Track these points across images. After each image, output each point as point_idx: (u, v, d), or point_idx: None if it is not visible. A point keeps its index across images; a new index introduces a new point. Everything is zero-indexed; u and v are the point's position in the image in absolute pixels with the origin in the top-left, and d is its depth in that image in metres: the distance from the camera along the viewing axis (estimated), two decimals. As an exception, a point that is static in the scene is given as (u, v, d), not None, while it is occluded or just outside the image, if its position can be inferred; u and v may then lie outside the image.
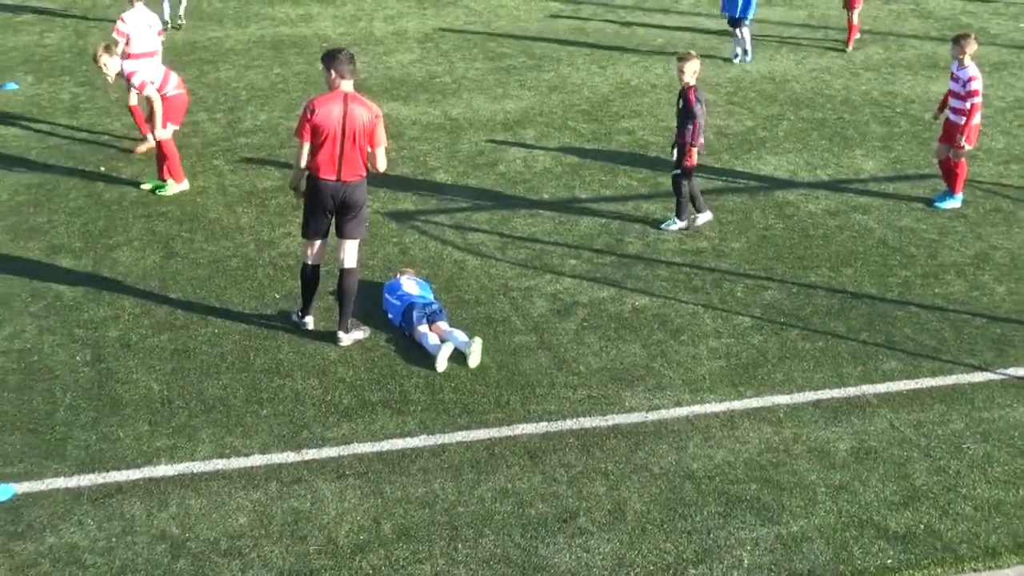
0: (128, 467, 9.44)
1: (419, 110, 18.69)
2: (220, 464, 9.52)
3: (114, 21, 17.11)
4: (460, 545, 8.61)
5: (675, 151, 14.04)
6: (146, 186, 15.12)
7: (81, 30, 23.26)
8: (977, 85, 14.57)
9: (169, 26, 23.03)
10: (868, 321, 12.04)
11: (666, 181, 15.47)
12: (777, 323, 11.97)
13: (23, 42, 22.31)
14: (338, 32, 23.59)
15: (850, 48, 22.79)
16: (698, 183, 14.33)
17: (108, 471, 9.39)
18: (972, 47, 14.71)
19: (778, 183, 15.83)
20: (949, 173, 15.06)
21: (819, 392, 10.73)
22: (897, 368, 11.15)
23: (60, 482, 9.24)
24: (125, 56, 16.27)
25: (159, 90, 14.80)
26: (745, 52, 21.95)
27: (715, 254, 13.55)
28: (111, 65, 14.66)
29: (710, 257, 13.47)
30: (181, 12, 23.50)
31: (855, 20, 22.82)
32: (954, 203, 15.03)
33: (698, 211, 14.22)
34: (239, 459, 9.59)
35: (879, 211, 14.88)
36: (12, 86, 19.49)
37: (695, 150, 13.78)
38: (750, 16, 21.70)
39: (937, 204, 15.01)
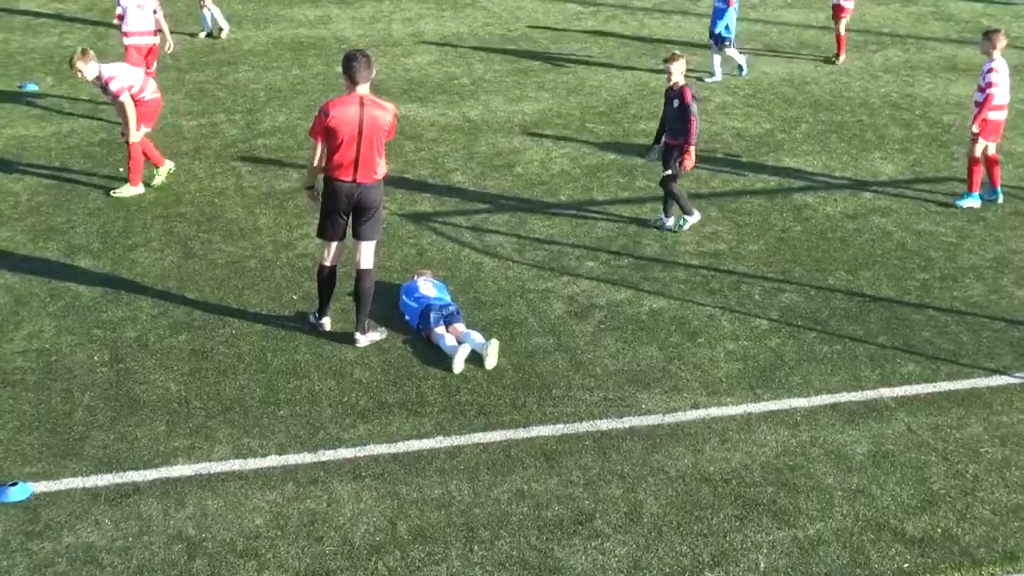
0: (145, 467, 9.47)
1: (437, 111, 18.71)
2: (237, 465, 9.54)
3: None
4: (476, 547, 8.61)
5: (659, 153, 14.06)
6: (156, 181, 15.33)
7: (100, 32, 23.34)
8: (994, 77, 14.67)
9: (224, 33, 23.13)
10: (886, 324, 12.00)
11: (683, 183, 15.45)
12: (795, 326, 11.94)
13: (43, 44, 22.41)
14: (356, 34, 23.64)
15: (841, 59, 22.22)
16: (686, 186, 14.26)
17: (125, 471, 9.41)
18: (1001, 42, 14.79)
19: (796, 185, 15.80)
20: (991, 169, 15.16)
21: (836, 395, 10.70)
22: (915, 371, 11.11)
23: (78, 482, 9.26)
24: (124, 35, 17.83)
25: (139, 93, 14.86)
26: (712, 74, 21.02)
27: (733, 256, 13.53)
28: (87, 71, 14.67)
29: (728, 259, 13.45)
30: (220, 23, 23.37)
31: (842, 31, 22.26)
32: (972, 202, 15.08)
33: (666, 215, 14.24)
34: (256, 460, 9.60)
35: (898, 214, 14.84)
36: (32, 87, 19.59)
37: (692, 149, 13.76)
38: (718, 32, 20.75)
39: (957, 203, 15.09)
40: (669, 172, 13.88)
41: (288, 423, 10.11)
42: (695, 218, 14.14)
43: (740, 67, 21.15)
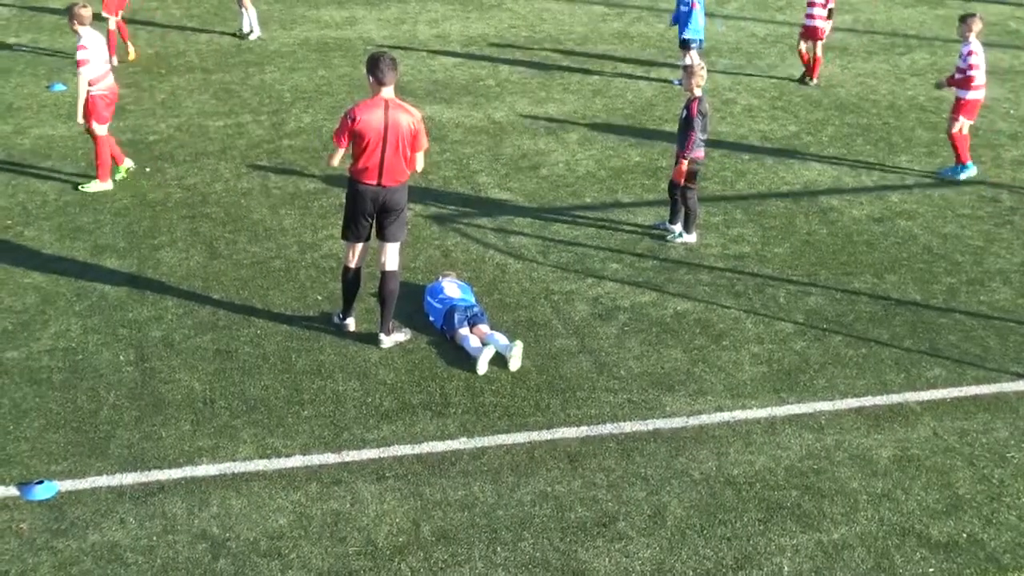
0: (170, 466, 9.51)
1: (462, 113, 18.72)
2: (261, 465, 9.56)
3: (159, 25, 17.61)
4: (499, 548, 8.61)
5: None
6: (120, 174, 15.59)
7: (128, 33, 23.41)
8: (975, 60, 15.56)
9: (253, 36, 23.05)
10: (912, 328, 11.95)
11: (709, 186, 15.46)
12: (820, 329, 11.90)
13: (71, 44, 22.46)
14: (382, 35, 23.66)
15: (815, 80, 20.64)
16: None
17: (150, 470, 9.45)
18: (977, 26, 15.68)
19: (822, 188, 15.73)
20: (964, 146, 16.08)
21: (862, 399, 10.67)
22: (941, 376, 11.06)
23: (103, 480, 9.31)
24: None
25: (97, 81, 15.01)
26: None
27: (758, 259, 13.49)
28: (81, 26, 14.92)
29: (753, 262, 13.41)
30: (253, 25, 23.23)
31: (819, 52, 20.51)
32: (968, 172, 16.07)
33: (686, 230, 13.98)
34: (280, 460, 9.63)
35: (924, 217, 14.77)
36: (60, 87, 19.69)
37: (685, 162, 13.54)
38: (686, 37, 19.80)
39: (951, 174, 16.12)
40: (685, 184, 13.71)
41: (312, 423, 10.13)
42: (690, 239, 13.96)
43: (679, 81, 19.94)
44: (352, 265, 11.38)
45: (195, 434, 9.95)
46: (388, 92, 10.86)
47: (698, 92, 13.58)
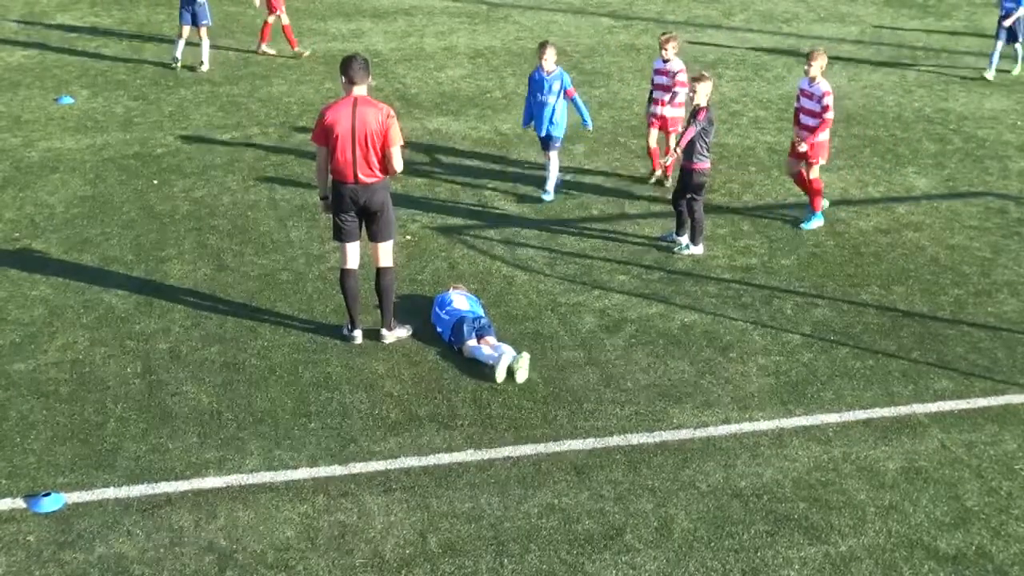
0: (177, 478, 9.51)
1: (469, 125, 18.74)
2: (268, 477, 9.56)
3: (167, 38, 17.50)
4: (506, 560, 8.60)
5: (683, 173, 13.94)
6: None
7: (136, 46, 23.49)
8: (830, 100, 14.26)
9: (204, 67, 21.79)
10: (919, 340, 11.93)
11: (715, 197, 15.46)
12: (827, 341, 11.89)
13: (78, 57, 22.57)
14: (389, 47, 23.71)
15: (659, 172, 16.24)
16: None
17: (157, 482, 9.45)
18: (823, 60, 14.43)
19: (829, 200, 15.71)
20: (807, 189, 14.80)
21: (869, 411, 10.65)
22: (949, 387, 11.04)
23: (110, 492, 9.31)
24: None
25: None
26: (544, 191, 15.76)
27: (765, 271, 13.48)
28: None
29: (760, 274, 13.40)
30: (203, 55, 22.03)
31: (671, 143, 15.77)
32: (818, 221, 14.80)
33: (693, 242, 13.97)
34: (287, 472, 9.63)
35: (931, 229, 14.76)
36: (68, 100, 19.72)
37: (672, 153, 13.99)
38: (560, 135, 15.55)
39: (803, 226, 14.75)
40: (691, 194, 13.73)
41: (319, 435, 10.13)
42: (698, 250, 13.93)
43: (547, 191, 15.78)
44: (347, 267, 11.48)
45: (202, 446, 9.95)
46: (359, 91, 11.12)
47: (705, 102, 13.61)
